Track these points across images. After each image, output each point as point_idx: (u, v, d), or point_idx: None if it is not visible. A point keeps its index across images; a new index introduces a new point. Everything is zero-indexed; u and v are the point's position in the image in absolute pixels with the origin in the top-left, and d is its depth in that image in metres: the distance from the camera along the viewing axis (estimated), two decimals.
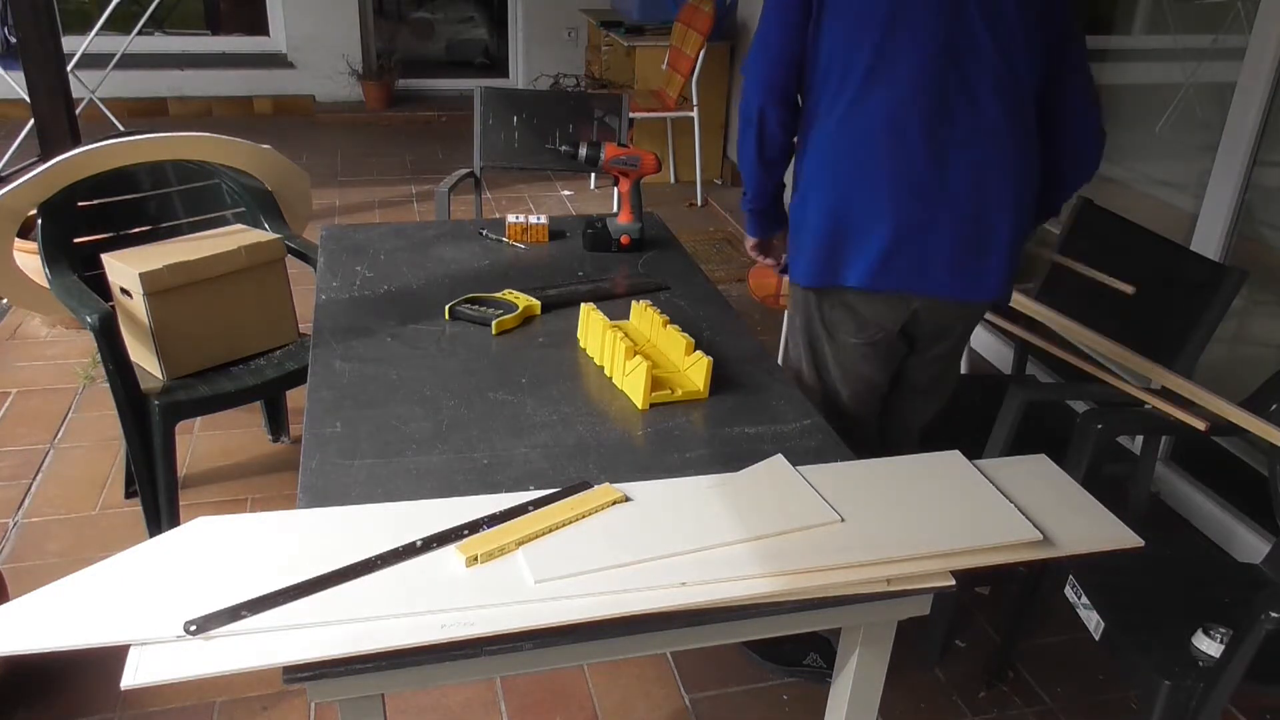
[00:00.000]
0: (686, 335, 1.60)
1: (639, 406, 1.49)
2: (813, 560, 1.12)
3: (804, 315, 1.86)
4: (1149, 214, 2.75)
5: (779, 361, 1.83)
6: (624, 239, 2.11)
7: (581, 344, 1.69)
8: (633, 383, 1.52)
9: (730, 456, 1.36)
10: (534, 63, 6.59)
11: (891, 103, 1.58)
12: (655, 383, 1.50)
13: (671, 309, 1.76)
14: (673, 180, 5.28)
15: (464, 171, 2.99)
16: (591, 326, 1.66)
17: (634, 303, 1.75)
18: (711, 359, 1.52)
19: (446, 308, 1.77)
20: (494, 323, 1.71)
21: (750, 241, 1.96)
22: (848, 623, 1.23)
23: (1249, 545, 2.38)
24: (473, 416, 1.44)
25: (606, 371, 1.60)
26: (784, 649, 1.99)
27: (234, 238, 2.23)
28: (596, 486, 1.25)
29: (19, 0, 3.25)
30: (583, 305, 1.70)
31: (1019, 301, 2.16)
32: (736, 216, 4.65)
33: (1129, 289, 2.00)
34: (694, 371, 1.55)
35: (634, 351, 1.54)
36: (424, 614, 1.02)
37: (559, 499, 1.22)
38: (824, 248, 1.70)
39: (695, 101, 4.87)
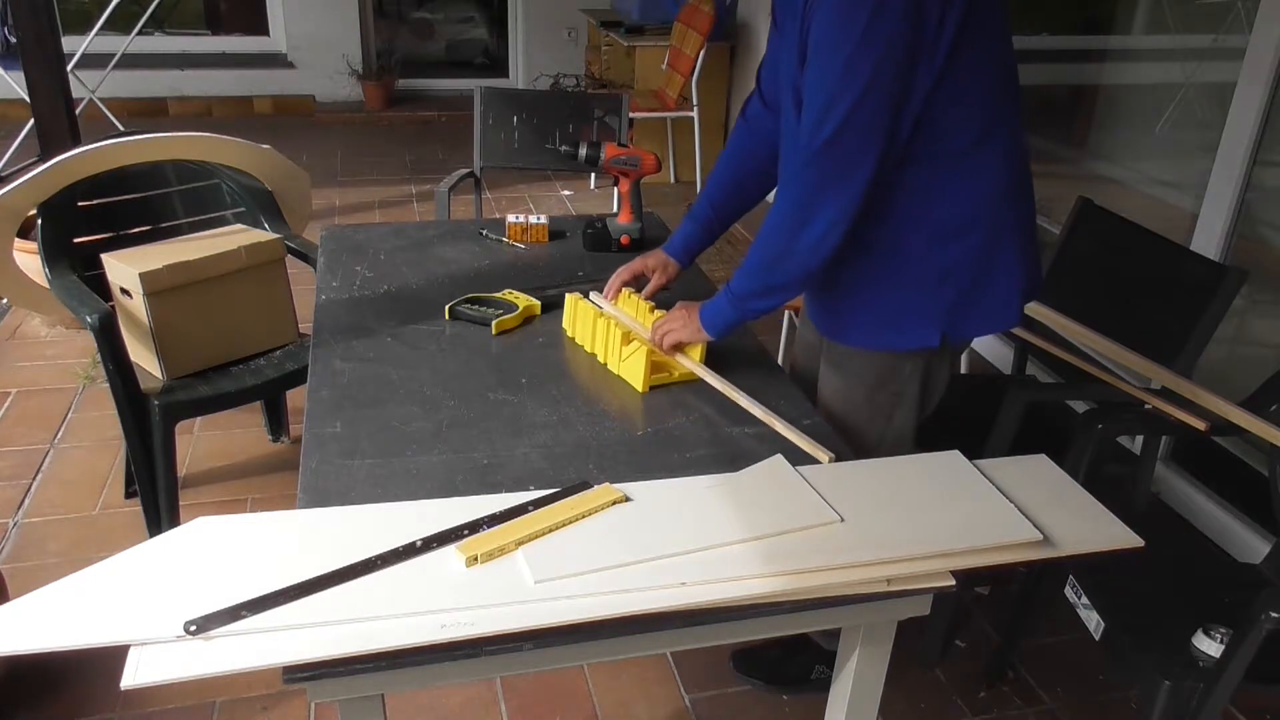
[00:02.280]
0: None
1: (639, 389, 1.53)
2: (813, 560, 1.12)
3: (932, 374, 1.65)
4: (1149, 214, 2.75)
5: (779, 361, 1.81)
6: (624, 239, 2.11)
7: (569, 333, 1.72)
8: (631, 367, 1.54)
9: (730, 456, 1.36)
10: (534, 63, 6.59)
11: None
12: (652, 367, 1.53)
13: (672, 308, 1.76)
14: (673, 180, 5.28)
15: (464, 171, 2.99)
16: (581, 316, 1.68)
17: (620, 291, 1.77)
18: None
19: (446, 308, 1.77)
20: (494, 323, 1.71)
21: (700, 336, 1.59)
22: (848, 623, 1.23)
23: (1249, 545, 2.38)
24: (472, 416, 1.44)
25: (601, 358, 1.62)
26: (789, 670, 1.98)
27: (234, 238, 2.23)
28: (596, 486, 1.25)
29: (19, 0, 3.25)
30: (568, 296, 1.73)
31: None
32: None
33: None
34: (689, 353, 1.59)
35: (630, 338, 1.56)
36: (424, 614, 1.02)
37: (559, 499, 1.22)
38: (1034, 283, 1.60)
39: (695, 101, 4.87)
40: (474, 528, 1.16)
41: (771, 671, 1.98)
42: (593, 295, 1.77)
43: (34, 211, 2.21)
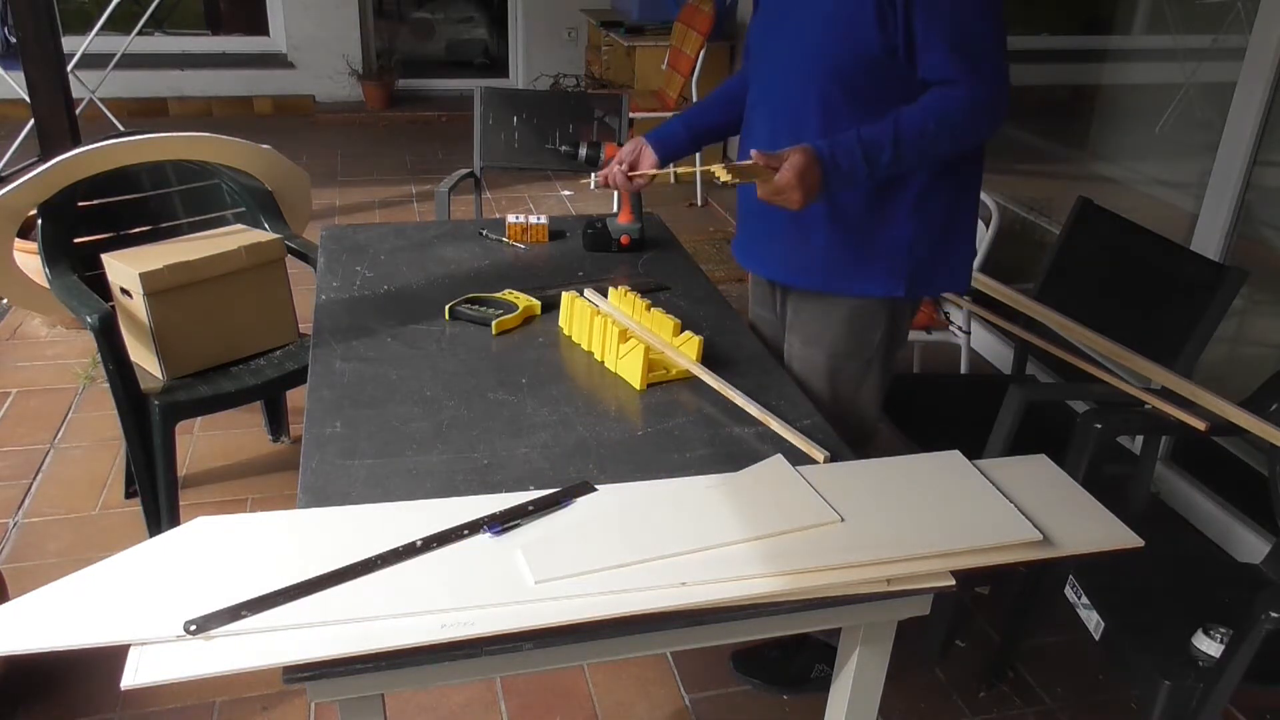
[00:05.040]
0: (673, 317, 1.64)
1: (637, 387, 1.53)
2: (813, 560, 1.12)
3: (897, 327, 1.74)
4: (1149, 214, 2.75)
5: (786, 360, 1.81)
6: (624, 239, 2.11)
7: (566, 331, 1.72)
8: (629, 365, 1.55)
9: (730, 456, 1.36)
10: (534, 63, 6.59)
11: None
12: (650, 364, 1.54)
13: (672, 309, 1.76)
14: (672, 180, 5.27)
15: (464, 171, 2.99)
16: (578, 314, 1.68)
17: (611, 288, 1.76)
18: (702, 338, 1.59)
19: (446, 308, 1.77)
20: (494, 323, 1.71)
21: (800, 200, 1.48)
22: (848, 623, 1.23)
23: (1249, 545, 2.38)
24: (473, 416, 1.44)
25: (598, 355, 1.63)
26: (789, 670, 1.98)
27: (234, 238, 2.23)
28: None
29: (19, 0, 3.25)
30: (565, 294, 1.73)
31: (1019, 301, 2.16)
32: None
33: None
34: (685, 350, 1.59)
35: (627, 335, 1.57)
36: (424, 614, 1.02)
37: (559, 499, 1.23)
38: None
39: (695, 101, 4.87)
40: (474, 528, 1.16)
41: (772, 671, 1.99)
42: (588, 293, 1.77)
43: (34, 211, 2.21)
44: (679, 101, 4.86)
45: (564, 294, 1.73)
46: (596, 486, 1.26)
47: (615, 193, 2.06)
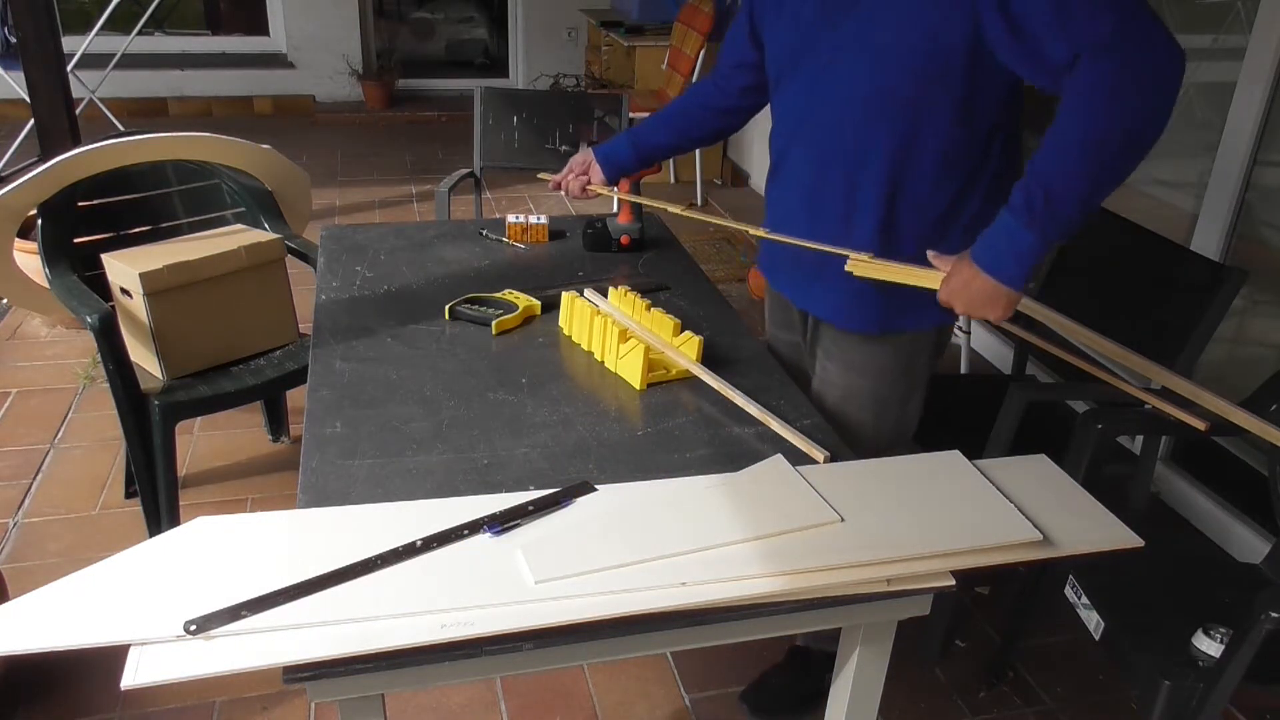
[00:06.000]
0: (673, 317, 1.64)
1: (637, 387, 1.53)
2: (813, 560, 1.12)
3: (941, 345, 1.71)
4: (1149, 214, 2.75)
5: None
6: (624, 239, 2.11)
7: (566, 331, 1.72)
8: (629, 365, 1.55)
9: (730, 456, 1.36)
10: (534, 63, 6.59)
11: None
12: (650, 364, 1.54)
13: (672, 309, 1.76)
14: (673, 180, 5.28)
15: (464, 171, 2.99)
16: (578, 314, 1.68)
17: (611, 288, 1.76)
18: (702, 338, 1.58)
19: (446, 308, 1.77)
20: (494, 323, 1.71)
21: (1013, 301, 1.42)
22: (848, 623, 1.23)
23: (1249, 545, 2.38)
24: (472, 416, 1.44)
25: (598, 355, 1.63)
26: (800, 691, 1.89)
27: (234, 238, 2.23)
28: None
29: (19, 0, 3.25)
30: (565, 294, 1.73)
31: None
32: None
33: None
34: (685, 350, 1.59)
35: (627, 335, 1.57)
36: (424, 614, 1.02)
37: (559, 499, 1.23)
38: None
39: None
40: (474, 528, 1.16)
41: (784, 700, 1.92)
42: (588, 293, 1.77)
43: (34, 211, 2.21)
44: None
45: (564, 294, 1.73)
46: (596, 486, 1.26)
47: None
